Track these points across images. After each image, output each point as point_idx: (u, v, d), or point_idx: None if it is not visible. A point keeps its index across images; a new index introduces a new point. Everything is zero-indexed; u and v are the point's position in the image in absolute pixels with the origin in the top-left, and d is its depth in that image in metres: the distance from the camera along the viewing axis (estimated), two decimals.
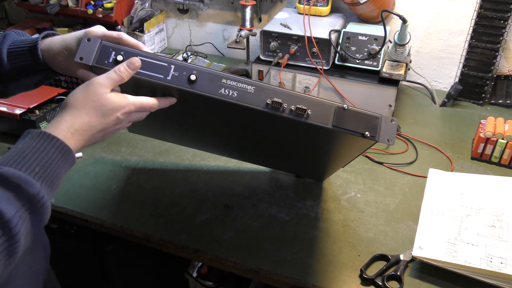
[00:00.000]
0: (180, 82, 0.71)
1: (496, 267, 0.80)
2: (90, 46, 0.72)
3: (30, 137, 0.61)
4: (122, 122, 0.70)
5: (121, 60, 0.72)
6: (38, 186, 0.56)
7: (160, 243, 0.92)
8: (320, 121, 0.71)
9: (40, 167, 0.58)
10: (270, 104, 0.70)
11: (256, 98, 0.71)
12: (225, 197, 1.03)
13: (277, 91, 0.71)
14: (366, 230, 0.94)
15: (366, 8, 1.30)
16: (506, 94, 1.40)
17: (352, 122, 0.71)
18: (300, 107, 0.70)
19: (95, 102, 0.66)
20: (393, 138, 0.71)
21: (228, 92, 0.71)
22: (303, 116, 0.70)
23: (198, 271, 1.51)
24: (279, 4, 1.59)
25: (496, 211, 0.92)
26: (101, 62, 0.72)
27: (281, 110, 0.70)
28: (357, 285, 0.83)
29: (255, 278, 0.87)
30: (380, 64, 1.29)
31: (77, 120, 0.65)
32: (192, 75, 0.71)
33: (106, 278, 1.20)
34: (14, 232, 0.53)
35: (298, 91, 0.72)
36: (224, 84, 0.71)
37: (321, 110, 0.71)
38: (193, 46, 1.80)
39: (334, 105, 0.71)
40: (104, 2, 1.57)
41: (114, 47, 0.72)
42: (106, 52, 0.72)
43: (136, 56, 0.71)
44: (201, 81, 0.71)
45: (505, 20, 1.28)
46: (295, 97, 0.71)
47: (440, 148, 1.20)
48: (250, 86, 0.71)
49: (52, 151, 0.60)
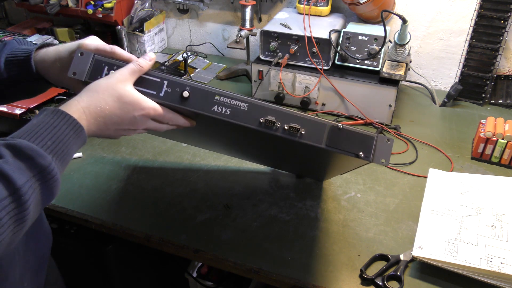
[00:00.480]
0: (173, 99, 0.71)
1: (496, 267, 0.80)
2: (83, 61, 0.71)
3: (45, 113, 0.62)
4: (138, 124, 0.70)
5: None
6: (49, 158, 0.57)
7: (160, 243, 0.92)
8: (313, 140, 0.70)
9: (52, 142, 0.60)
10: (263, 122, 0.70)
11: (249, 116, 0.71)
12: (225, 197, 1.03)
13: (270, 108, 0.70)
14: (366, 230, 0.94)
15: (366, 8, 1.30)
16: (506, 94, 1.40)
17: (346, 142, 0.70)
18: (293, 126, 0.69)
19: (115, 91, 0.67)
20: (388, 159, 0.70)
21: (221, 109, 0.71)
22: (296, 135, 0.70)
23: (198, 271, 1.51)
24: (279, 4, 1.59)
25: (496, 211, 0.92)
26: (94, 78, 0.71)
27: (274, 128, 0.70)
28: (357, 285, 0.83)
29: (255, 278, 0.87)
30: (380, 64, 1.29)
31: (93, 103, 0.66)
32: (185, 92, 0.71)
33: (106, 278, 1.20)
34: (24, 199, 0.54)
35: (292, 110, 0.71)
36: (217, 101, 0.71)
37: (314, 129, 0.70)
38: (193, 46, 1.80)
39: (328, 124, 0.70)
40: (104, 2, 1.57)
41: (107, 61, 0.72)
42: (99, 67, 0.72)
43: None
44: (194, 98, 0.71)
45: (505, 20, 1.28)
46: (289, 115, 0.70)
47: (440, 148, 1.20)
48: (243, 103, 0.71)
49: (65, 127, 0.62)
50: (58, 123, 0.61)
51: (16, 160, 0.55)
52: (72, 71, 0.71)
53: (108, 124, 0.68)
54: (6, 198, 0.52)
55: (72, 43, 0.76)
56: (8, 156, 0.55)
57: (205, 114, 0.71)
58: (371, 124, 1.30)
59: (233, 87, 1.53)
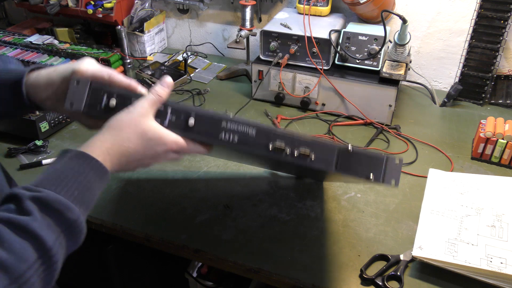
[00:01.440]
0: (178, 128, 0.68)
1: (496, 267, 0.80)
2: (79, 90, 0.67)
3: (69, 157, 0.60)
4: (159, 158, 0.69)
5: (114, 105, 0.67)
6: (77, 211, 0.55)
7: (160, 243, 0.92)
8: (323, 165, 0.69)
9: (79, 191, 0.57)
10: (273, 149, 0.68)
11: (258, 142, 0.68)
12: (225, 197, 1.03)
13: (279, 134, 0.69)
14: (366, 230, 0.94)
15: (366, 8, 1.30)
16: (506, 94, 1.40)
17: (356, 165, 0.69)
18: (303, 153, 0.68)
19: (138, 128, 0.65)
20: (398, 180, 0.69)
21: (228, 136, 0.68)
22: (306, 161, 0.69)
23: (198, 271, 1.51)
24: (279, 4, 1.59)
25: (496, 211, 0.92)
26: (94, 109, 0.68)
27: (284, 155, 0.69)
28: (357, 285, 0.83)
29: (255, 278, 0.87)
30: (380, 64, 1.29)
31: (117, 142, 0.64)
32: (190, 120, 0.68)
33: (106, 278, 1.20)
34: (54, 259, 0.52)
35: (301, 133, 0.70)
36: (224, 127, 0.68)
37: (324, 153, 0.69)
38: (193, 46, 1.80)
39: (338, 147, 0.69)
40: (104, 2, 1.57)
41: (106, 89, 0.68)
42: (98, 95, 0.68)
43: (131, 98, 0.67)
44: (200, 125, 0.68)
45: (505, 20, 1.28)
46: (298, 140, 0.69)
47: (440, 148, 1.20)
48: (251, 129, 0.68)
49: (91, 174, 0.60)
50: (84, 169, 0.59)
51: (44, 216, 0.53)
52: (69, 102, 0.67)
53: (130, 162, 0.66)
54: (37, 260, 0.50)
55: (65, 67, 0.70)
56: (36, 212, 0.52)
57: (213, 143, 0.69)
58: (371, 124, 1.30)
59: (233, 87, 1.53)
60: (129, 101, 0.68)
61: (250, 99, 1.41)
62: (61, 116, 1.23)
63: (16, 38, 1.52)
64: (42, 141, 1.17)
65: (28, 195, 0.53)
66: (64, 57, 1.42)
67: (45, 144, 1.18)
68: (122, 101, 0.68)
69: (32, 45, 1.47)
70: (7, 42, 1.48)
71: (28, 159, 1.14)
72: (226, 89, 1.51)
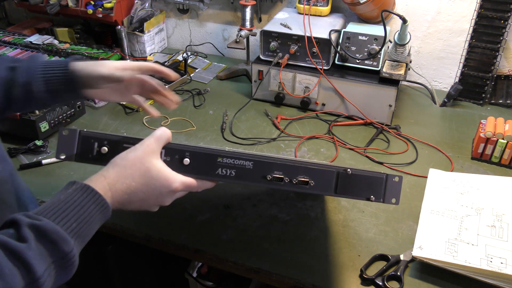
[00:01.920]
0: (173, 168, 0.67)
1: (496, 267, 0.80)
2: (69, 140, 0.67)
3: (74, 189, 0.60)
4: (164, 200, 0.68)
5: (106, 152, 0.68)
6: (72, 244, 0.56)
7: (160, 243, 0.92)
8: (323, 190, 0.69)
9: (77, 223, 0.58)
10: (271, 179, 0.68)
11: (255, 175, 0.68)
12: (225, 197, 1.03)
13: (277, 163, 0.68)
14: (366, 230, 0.94)
15: (366, 8, 1.30)
16: (506, 94, 1.40)
17: (356, 187, 0.69)
18: (302, 180, 0.68)
19: (142, 166, 0.64)
20: (398, 198, 0.70)
21: (225, 171, 0.68)
22: (306, 188, 0.69)
23: (198, 271, 1.51)
24: (279, 4, 1.59)
25: (496, 211, 0.92)
26: (85, 157, 0.68)
27: (283, 184, 0.68)
28: (357, 285, 0.83)
29: (255, 278, 0.87)
30: (380, 64, 1.29)
31: (120, 180, 0.64)
32: (186, 159, 0.68)
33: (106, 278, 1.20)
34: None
35: (298, 160, 0.69)
36: (220, 163, 0.68)
37: (323, 178, 0.69)
38: (193, 46, 1.80)
39: (336, 171, 0.69)
40: (104, 2, 1.57)
41: (96, 136, 0.68)
42: (88, 144, 0.68)
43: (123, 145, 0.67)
44: (196, 163, 0.68)
45: (505, 20, 1.28)
46: (296, 168, 0.68)
47: (440, 148, 1.20)
48: (248, 162, 0.68)
49: (92, 207, 0.60)
50: (86, 203, 0.59)
51: (39, 245, 0.53)
52: (60, 154, 0.67)
53: (133, 200, 0.65)
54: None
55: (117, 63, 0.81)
56: (32, 240, 0.53)
57: (209, 179, 0.68)
58: (371, 124, 1.30)
59: (233, 87, 1.53)
60: (122, 147, 0.68)
61: (250, 99, 1.41)
62: (61, 116, 1.23)
63: (16, 38, 1.52)
64: (42, 141, 1.17)
65: (27, 222, 0.54)
66: (64, 57, 1.42)
67: (45, 144, 1.18)
68: (114, 147, 0.67)
69: (32, 45, 1.47)
70: (7, 42, 1.48)
71: (28, 159, 1.14)
72: (226, 89, 1.51)
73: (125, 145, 0.67)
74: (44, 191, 1.03)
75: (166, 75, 0.86)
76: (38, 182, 1.06)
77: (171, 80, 0.77)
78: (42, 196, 1.00)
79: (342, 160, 1.16)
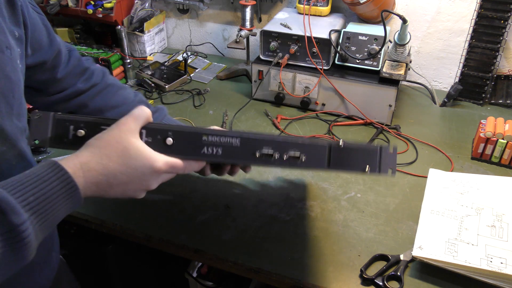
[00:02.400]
0: (156, 149, 0.62)
1: (496, 267, 0.80)
2: (42, 124, 0.63)
3: (41, 165, 0.56)
4: (149, 183, 0.62)
5: (83, 135, 0.63)
6: (24, 217, 0.50)
7: (160, 243, 0.92)
8: (315, 165, 0.66)
9: (35, 198, 0.52)
10: (260, 156, 0.65)
11: (244, 152, 0.65)
12: (225, 197, 1.03)
13: (265, 140, 0.65)
14: (366, 230, 0.94)
15: (366, 8, 1.30)
16: (506, 94, 1.40)
17: (350, 160, 0.66)
18: (292, 156, 0.66)
19: (119, 145, 0.59)
20: (395, 168, 0.67)
21: (211, 150, 0.65)
22: (297, 163, 0.66)
23: (198, 271, 1.51)
24: (279, 4, 1.59)
25: (496, 211, 0.92)
26: (60, 141, 0.63)
27: (272, 160, 0.66)
28: (357, 285, 0.83)
29: (255, 278, 0.87)
30: (380, 64, 1.29)
31: (94, 159, 0.58)
32: (168, 139, 0.63)
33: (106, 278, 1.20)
34: None
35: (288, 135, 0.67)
36: (206, 141, 0.65)
37: (315, 152, 0.66)
38: (193, 46, 1.80)
39: (328, 145, 0.67)
40: (104, 2, 1.57)
41: (71, 119, 0.63)
42: (63, 127, 0.63)
43: (100, 127, 0.62)
44: (180, 143, 0.64)
45: (505, 20, 1.28)
46: (286, 143, 0.66)
47: (440, 148, 1.20)
48: (235, 139, 0.65)
49: (56, 184, 0.54)
50: (49, 178, 0.54)
51: None
52: (33, 138, 0.62)
53: (113, 184, 0.60)
54: None
55: None
56: None
57: (195, 159, 0.65)
58: (371, 124, 1.30)
59: (233, 87, 1.53)
60: (99, 130, 0.63)
61: (250, 99, 1.41)
62: None
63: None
64: None
65: None
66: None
67: None
68: (91, 129, 0.63)
69: None
70: None
71: None
72: (226, 89, 1.51)
73: (102, 127, 0.63)
74: None
75: None
76: None
77: None
78: None
79: None
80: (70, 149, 0.63)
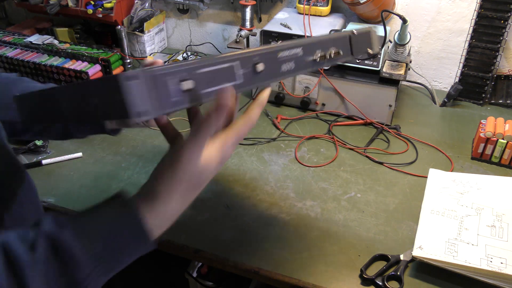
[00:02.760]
0: (250, 80, 0.55)
1: (496, 267, 0.80)
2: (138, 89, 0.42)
3: (113, 204, 0.51)
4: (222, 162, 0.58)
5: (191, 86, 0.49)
6: (88, 271, 0.46)
7: (160, 243, 0.92)
8: (346, 56, 0.74)
9: (104, 247, 0.48)
10: (317, 59, 0.67)
11: (306, 59, 0.65)
12: (225, 197, 1.03)
13: (315, 42, 0.67)
14: (366, 230, 0.94)
15: (366, 8, 1.30)
16: (506, 94, 1.40)
17: (360, 45, 0.77)
18: (335, 51, 0.71)
19: (188, 183, 0.55)
20: (376, 48, 0.81)
21: (286, 67, 0.61)
22: (338, 58, 0.72)
23: (198, 271, 1.51)
24: (279, 4, 1.59)
25: (496, 211, 0.92)
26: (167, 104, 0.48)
27: (327, 60, 0.69)
28: (357, 285, 0.83)
29: (255, 278, 0.87)
30: (380, 64, 1.29)
31: (169, 208, 0.54)
32: (259, 65, 0.55)
33: None
34: None
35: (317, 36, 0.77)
36: (281, 59, 0.60)
37: (344, 45, 0.73)
38: (193, 46, 1.80)
39: (348, 35, 0.75)
40: (104, 2, 1.57)
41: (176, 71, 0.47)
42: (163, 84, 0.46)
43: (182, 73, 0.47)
44: (266, 68, 0.57)
45: (505, 20, 1.28)
46: (327, 42, 0.70)
47: (440, 148, 1.20)
48: (298, 49, 0.63)
49: (131, 241, 0.50)
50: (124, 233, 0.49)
51: (47, 262, 0.45)
52: (136, 111, 0.43)
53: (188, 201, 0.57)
54: None
55: None
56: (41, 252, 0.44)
57: (278, 79, 0.61)
58: (371, 124, 1.30)
59: None
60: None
61: (250, 99, 1.41)
62: None
63: (16, 38, 1.52)
64: (42, 141, 1.17)
65: (47, 230, 0.46)
66: (64, 57, 1.42)
67: (45, 144, 1.18)
68: (198, 78, 0.50)
69: (32, 45, 1.46)
70: (7, 42, 1.48)
71: (28, 159, 1.14)
72: None
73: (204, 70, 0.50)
74: (44, 191, 1.03)
75: None
76: (38, 182, 1.06)
77: None
78: (42, 196, 1.00)
79: (342, 160, 1.16)
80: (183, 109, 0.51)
